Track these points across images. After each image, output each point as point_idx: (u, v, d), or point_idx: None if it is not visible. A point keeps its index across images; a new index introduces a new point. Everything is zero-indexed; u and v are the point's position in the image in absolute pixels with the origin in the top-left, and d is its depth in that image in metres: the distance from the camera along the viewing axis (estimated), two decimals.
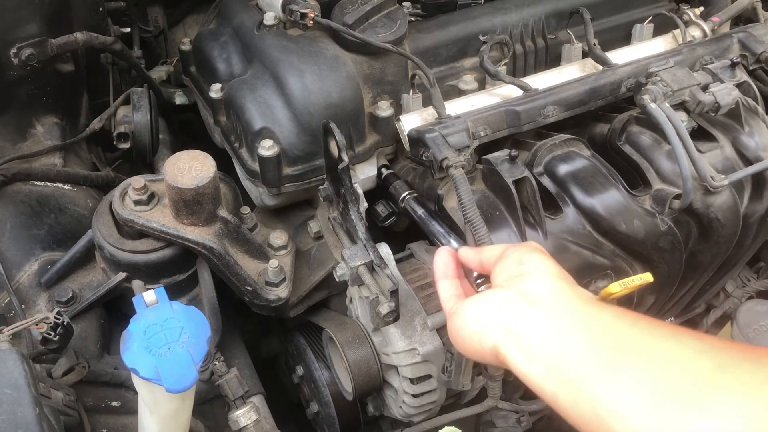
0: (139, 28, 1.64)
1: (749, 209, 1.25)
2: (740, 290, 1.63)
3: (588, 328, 0.69)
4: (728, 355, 0.63)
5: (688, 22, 1.41)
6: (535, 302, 0.75)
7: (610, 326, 0.69)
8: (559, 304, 0.74)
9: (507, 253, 0.84)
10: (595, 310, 0.72)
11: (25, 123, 1.38)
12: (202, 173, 1.06)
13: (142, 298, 0.90)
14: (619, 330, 0.68)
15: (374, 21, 1.28)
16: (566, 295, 0.75)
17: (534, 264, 0.80)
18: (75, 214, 1.32)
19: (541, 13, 1.40)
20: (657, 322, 0.69)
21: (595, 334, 0.68)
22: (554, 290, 0.76)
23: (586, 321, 0.70)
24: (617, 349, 0.66)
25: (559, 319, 0.72)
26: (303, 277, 1.29)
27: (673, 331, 0.67)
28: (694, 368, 0.62)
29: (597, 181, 1.17)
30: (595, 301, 0.75)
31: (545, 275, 0.78)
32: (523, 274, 0.79)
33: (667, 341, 0.65)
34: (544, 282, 0.77)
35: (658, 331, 0.67)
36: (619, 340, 0.67)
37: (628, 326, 0.68)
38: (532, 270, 0.79)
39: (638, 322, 0.69)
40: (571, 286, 0.77)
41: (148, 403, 0.94)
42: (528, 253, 0.82)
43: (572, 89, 1.23)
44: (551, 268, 0.80)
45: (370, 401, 1.35)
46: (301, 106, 1.20)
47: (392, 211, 1.27)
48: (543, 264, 0.80)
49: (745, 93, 1.26)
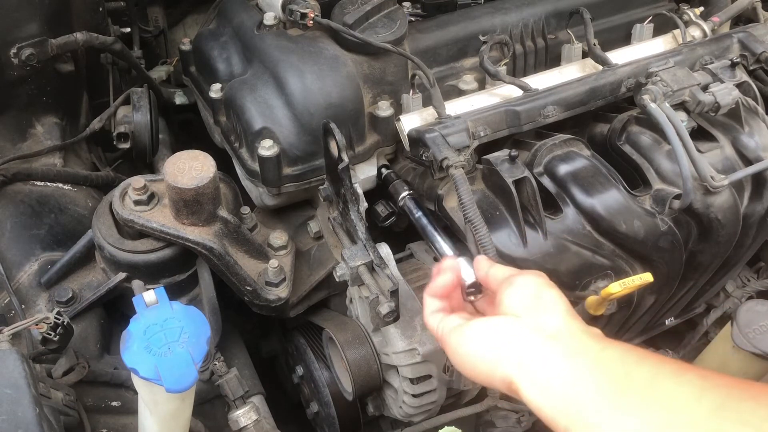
0: (139, 28, 1.64)
1: (749, 209, 1.25)
2: (740, 290, 1.63)
3: (599, 368, 0.72)
4: (729, 394, 0.65)
5: (688, 22, 1.41)
6: (551, 339, 0.77)
7: (618, 366, 0.72)
8: (573, 344, 0.76)
9: (522, 282, 0.85)
10: (605, 351, 0.74)
11: (25, 123, 1.38)
12: (202, 173, 1.06)
13: (142, 298, 0.90)
14: (627, 370, 0.71)
15: (374, 21, 1.28)
16: (580, 336, 0.77)
17: (551, 299, 0.82)
18: (75, 214, 1.32)
19: (541, 13, 1.40)
20: (662, 360, 0.72)
21: (605, 375, 0.71)
22: (569, 329, 0.78)
23: (597, 362, 0.73)
24: (625, 390, 0.69)
25: (572, 359, 0.74)
26: (303, 277, 1.29)
27: (677, 370, 0.70)
28: (696, 409, 0.65)
29: (597, 181, 1.17)
30: (604, 339, 0.77)
31: (561, 313, 0.80)
32: (539, 308, 0.81)
33: (671, 381, 0.68)
34: (559, 319, 0.79)
35: (662, 369, 0.70)
36: (627, 380, 0.70)
37: (635, 365, 0.72)
38: (550, 306, 0.81)
39: (644, 361, 0.72)
40: (583, 326, 0.79)
41: (148, 403, 0.94)
42: (545, 288, 0.83)
43: (572, 89, 1.23)
44: (566, 306, 0.81)
45: (370, 401, 1.35)
46: (301, 106, 1.20)
47: (392, 211, 1.27)
48: (560, 301, 0.82)
49: (745, 93, 1.26)
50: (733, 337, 1.35)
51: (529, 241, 1.13)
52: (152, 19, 1.70)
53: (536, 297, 0.82)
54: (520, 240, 1.13)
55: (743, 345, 1.34)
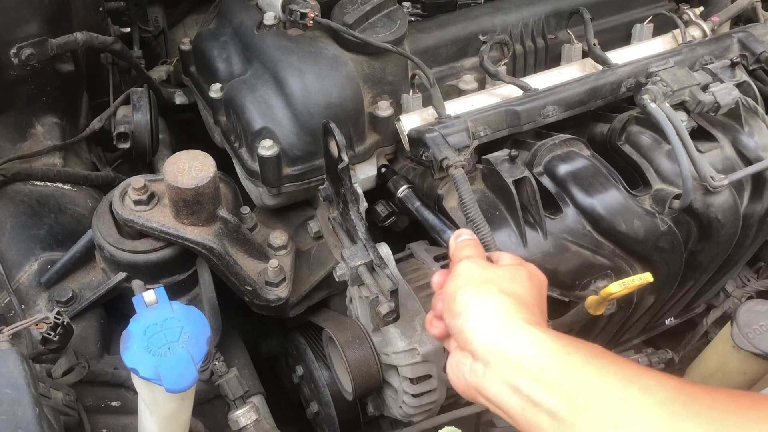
0: (139, 28, 1.64)
1: (749, 209, 1.25)
2: (740, 290, 1.63)
3: (543, 383, 0.72)
4: (676, 408, 0.66)
5: (688, 22, 1.41)
6: (488, 365, 0.77)
7: (563, 376, 0.72)
8: (509, 363, 0.75)
9: (443, 298, 0.85)
10: (544, 357, 0.74)
11: (25, 123, 1.38)
12: (202, 173, 1.06)
13: (142, 298, 0.90)
14: (573, 379, 0.72)
15: (374, 21, 1.28)
16: (511, 346, 0.76)
17: (463, 314, 0.81)
18: (75, 214, 1.32)
19: (541, 13, 1.40)
20: (606, 360, 0.72)
21: (552, 390, 0.72)
22: (498, 343, 0.77)
23: (539, 376, 0.73)
24: (572, 406, 0.70)
25: (516, 382, 0.74)
26: (303, 277, 1.29)
27: (622, 378, 0.70)
28: (648, 423, 0.66)
29: (597, 181, 1.17)
30: (540, 339, 0.76)
31: (481, 323, 0.79)
32: (462, 330, 0.80)
33: (618, 388, 0.69)
34: (484, 334, 0.78)
35: (607, 379, 0.70)
36: (573, 395, 0.70)
37: (581, 370, 0.72)
38: (466, 321, 0.80)
39: (589, 364, 0.72)
40: (509, 324, 0.78)
41: (148, 403, 0.94)
42: (454, 300, 0.83)
43: (572, 89, 1.23)
44: (482, 307, 0.80)
45: (370, 401, 1.35)
46: (301, 106, 1.20)
47: (392, 211, 1.27)
48: (474, 306, 0.81)
49: (745, 93, 1.26)
50: (733, 337, 1.35)
51: (529, 240, 1.13)
52: (152, 19, 1.70)
53: (452, 303, 0.82)
54: (520, 240, 1.13)
55: (743, 345, 1.34)
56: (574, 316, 1.17)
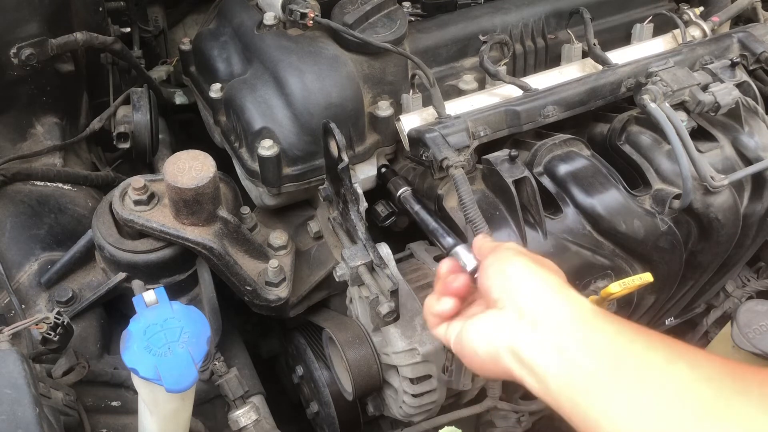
0: (139, 28, 1.64)
1: (749, 209, 1.25)
2: (740, 290, 1.63)
3: (590, 349, 0.72)
4: (725, 384, 0.65)
5: (688, 22, 1.41)
6: (536, 326, 0.76)
7: (610, 345, 0.72)
8: (559, 326, 0.75)
9: (487, 265, 0.85)
10: (593, 326, 0.74)
11: (25, 123, 1.38)
12: (202, 173, 1.06)
13: (142, 298, 0.90)
14: (619, 349, 0.71)
15: (374, 21, 1.28)
16: (563, 311, 0.76)
17: (519, 275, 0.81)
18: (75, 214, 1.32)
19: (541, 12, 1.40)
20: (654, 338, 0.72)
21: (598, 356, 0.71)
22: (550, 307, 0.77)
23: (587, 342, 0.73)
24: (615, 376, 0.69)
25: (563, 344, 0.74)
26: (303, 277, 1.29)
27: (668, 357, 0.69)
28: (691, 397, 0.65)
29: (597, 181, 1.17)
30: (591, 311, 0.76)
31: (535, 287, 0.79)
32: (512, 290, 0.80)
33: (661, 370, 0.68)
34: (536, 297, 0.79)
35: (653, 355, 0.70)
36: (618, 365, 0.70)
37: (628, 343, 0.72)
38: (520, 283, 0.80)
39: (636, 339, 0.72)
40: (562, 293, 0.79)
41: (148, 403, 0.94)
42: (508, 262, 0.83)
43: (572, 89, 1.23)
44: (536, 275, 0.80)
45: (370, 401, 1.35)
46: (301, 106, 1.20)
47: (392, 211, 1.27)
48: (527, 273, 0.81)
49: (745, 93, 1.26)
50: (733, 337, 1.35)
51: (529, 240, 1.13)
52: (152, 19, 1.70)
53: (503, 276, 0.82)
54: (520, 240, 1.13)
55: (743, 345, 1.34)
56: None
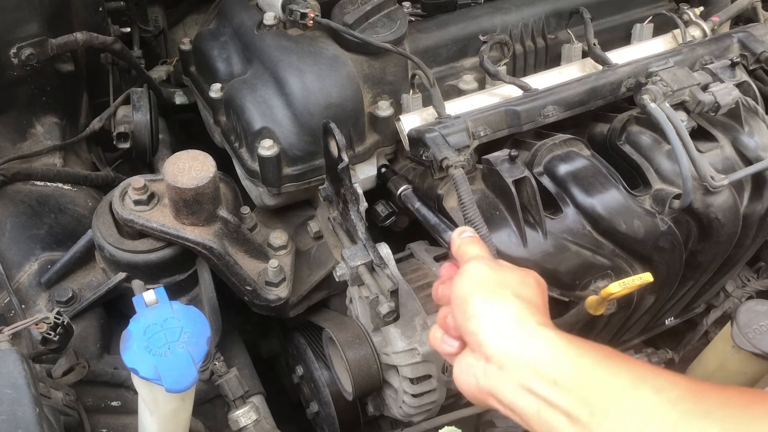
0: (139, 28, 1.64)
1: (749, 209, 1.25)
2: (740, 290, 1.63)
3: (557, 385, 0.72)
4: (687, 407, 0.66)
5: (688, 21, 1.41)
6: (503, 369, 0.77)
7: (575, 378, 0.73)
8: (524, 367, 0.75)
9: (453, 297, 0.84)
10: (556, 360, 0.74)
11: (25, 123, 1.38)
12: (202, 173, 1.06)
13: (142, 298, 0.90)
14: (585, 380, 0.72)
15: (374, 21, 1.28)
16: (526, 351, 0.76)
17: (478, 314, 0.80)
18: (75, 214, 1.32)
19: (541, 12, 1.40)
20: (616, 361, 0.73)
21: (566, 392, 0.72)
22: (513, 348, 0.77)
23: (554, 378, 0.73)
24: (588, 408, 0.70)
25: (532, 385, 0.74)
26: (303, 277, 1.29)
27: (632, 378, 0.70)
28: (656, 424, 0.66)
29: (597, 181, 1.17)
30: (550, 342, 0.76)
31: (494, 327, 0.79)
32: (475, 333, 0.80)
33: (628, 388, 0.69)
34: (498, 339, 0.78)
35: (617, 379, 0.71)
36: (587, 396, 0.71)
37: (591, 372, 0.72)
38: (481, 325, 0.80)
39: (599, 366, 0.73)
40: (522, 328, 0.78)
41: (148, 403, 0.94)
42: (468, 299, 0.82)
43: (572, 89, 1.23)
44: (494, 311, 0.80)
45: (370, 401, 1.35)
46: (301, 106, 1.20)
47: (392, 211, 1.27)
48: (485, 310, 0.80)
49: (745, 93, 1.26)
50: (733, 337, 1.35)
51: (529, 240, 1.13)
52: (152, 19, 1.70)
53: (464, 308, 0.81)
54: (520, 240, 1.13)
55: (743, 345, 1.34)
56: (574, 316, 1.17)
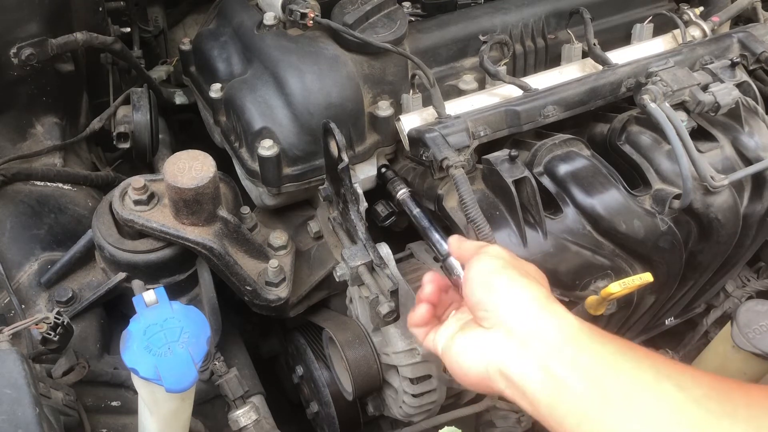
0: (139, 28, 1.64)
1: (749, 209, 1.25)
2: (740, 290, 1.63)
3: (579, 369, 0.72)
4: (712, 406, 0.65)
5: (688, 22, 1.41)
6: (525, 346, 0.76)
7: (598, 364, 0.72)
8: (547, 346, 0.75)
9: (472, 274, 0.83)
10: (581, 345, 0.74)
11: (25, 123, 1.38)
12: (202, 173, 1.06)
13: (142, 298, 0.90)
14: (607, 369, 0.71)
15: (374, 21, 1.28)
16: (551, 330, 0.76)
17: (505, 290, 0.80)
18: (75, 214, 1.32)
19: (541, 12, 1.40)
20: (639, 365, 0.71)
21: (586, 377, 0.71)
22: (538, 325, 0.76)
23: (576, 362, 0.72)
24: (604, 397, 0.69)
25: (551, 365, 0.73)
26: (303, 277, 1.29)
27: (654, 378, 0.69)
28: (680, 420, 0.65)
29: (597, 181, 1.17)
30: (578, 327, 0.76)
31: (522, 303, 0.78)
32: (499, 307, 0.79)
33: (649, 394, 0.68)
34: (524, 315, 0.78)
35: (641, 377, 0.70)
36: (607, 385, 0.70)
37: (615, 362, 0.71)
38: (507, 300, 0.79)
39: (622, 367, 0.71)
40: (549, 309, 0.78)
41: (148, 403, 0.94)
42: (494, 275, 0.81)
43: (572, 89, 1.23)
44: (523, 290, 0.79)
45: (370, 401, 1.35)
46: (301, 106, 1.20)
47: (392, 210, 1.27)
48: (514, 287, 0.80)
49: (745, 93, 1.26)
50: (733, 337, 1.35)
51: (529, 240, 1.13)
52: (152, 19, 1.70)
53: (488, 289, 0.81)
54: (520, 240, 1.13)
55: (743, 345, 1.34)
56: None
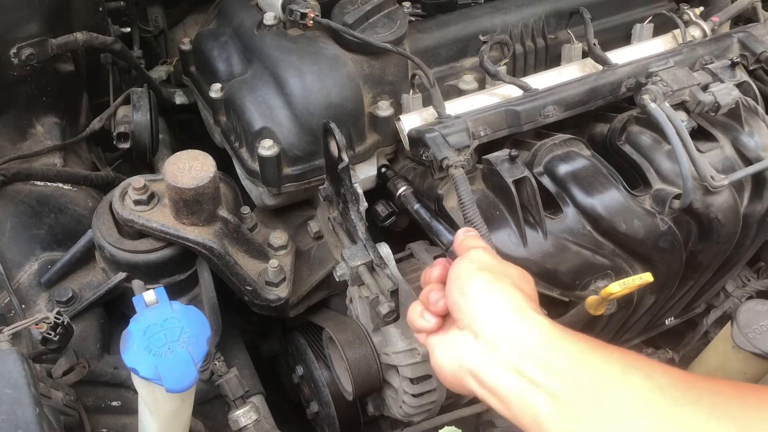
0: (139, 28, 1.64)
1: (749, 209, 1.25)
2: (740, 290, 1.63)
3: (549, 369, 0.73)
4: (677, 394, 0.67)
5: (688, 21, 1.41)
6: (495, 348, 0.77)
7: (568, 363, 0.73)
8: (518, 347, 0.76)
9: (450, 278, 0.85)
10: (551, 346, 0.75)
11: (25, 123, 1.38)
12: (202, 173, 1.06)
13: (142, 298, 0.90)
14: (578, 367, 0.72)
15: (374, 21, 1.28)
16: (521, 333, 0.77)
17: (477, 294, 0.81)
18: (75, 214, 1.32)
19: (541, 12, 1.40)
20: (610, 351, 0.73)
21: (557, 376, 0.72)
22: (508, 328, 0.77)
23: (546, 362, 0.74)
24: (575, 393, 0.71)
25: (522, 366, 0.75)
26: (303, 277, 1.29)
27: (622, 374, 0.70)
28: (646, 408, 0.66)
29: (597, 181, 1.17)
30: (548, 329, 0.77)
31: (493, 307, 0.80)
32: (471, 311, 0.81)
33: (619, 390, 0.69)
34: (494, 318, 0.79)
35: (610, 376, 0.71)
36: (577, 381, 0.71)
37: (585, 359, 0.73)
38: (478, 304, 0.81)
39: (593, 354, 0.73)
40: (520, 313, 0.78)
41: (148, 403, 0.94)
42: (468, 279, 0.83)
43: (572, 89, 1.23)
44: (495, 294, 0.80)
45: (370, 401, 1.35)
46: (301, 106, 1.20)
47: (392, 210, 1.27)
48: (486, 291, 0.81)
49: (745, 93, 1.26)
50: (733, 337, 1.35)
51: (529, 240, 1.13)
52: (152, 19, 1.70)
53: (461, 293, 0.82)
54: (520, 240, 1.13)
55: (743, 345, 1.34)
56: (574, 316, 1.17)
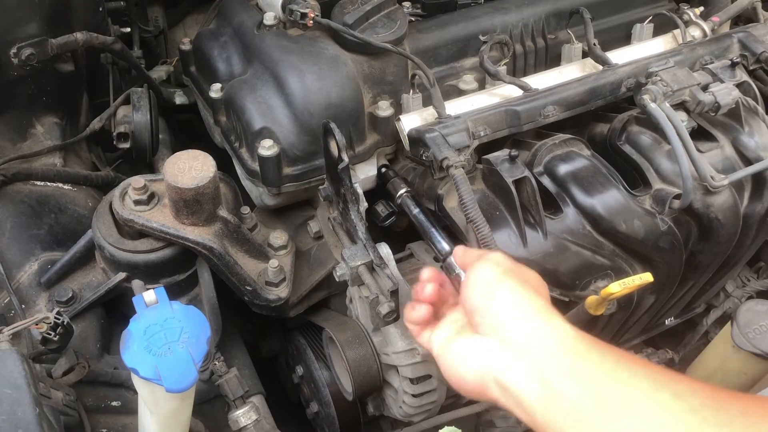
0: (139, 28, 1.64)
1: (749, 209, 1.25)
2: (740, 290, 1.63)
3: (576, 378, 0.72)
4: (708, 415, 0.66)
5: (688, 22, 1.41)
6: (521, 355, 0.76)
7: (595, 373, 0.72)
8: (544, 355, 0.75)
9: (472, 280, 0.84)
10: (578, 354, 0.74)
11: (25, 123, 1.38)
12: (202, 173, 1.06)
13: (142, 298, 0.90)
14: (604, 378, 0.72)
15: (374, 21, 1.28)
16: (548, 340, 0.76)
17: (504, 299, 0.80)
18: (75, 214, 1.32)
19: (541, 12, 1.40)
20: (635, 375, 0.71)
21: (583, 386, 0.71)
22: (535, 335, 0.77)
23: (573, 371, 0.73)
24: (601, 405, 0.70)
25: (548, 375, 0.74)
26: (303, 277, 1.29)
27: (651, 388, 0.69)
28: (676, 430, 0.65)
29: (597, 181, 1.17)
30: (574, 337, 0.76)
31: (520, 314, 0.79)
32: (497, 316, 0.80)
33: (646, 403, 0.68)
34: (522, 325, 0.78)
35: (636, 387, 0.70)
36: (603, 393, 0.70)
37: (612, 371, 0.72)
38: (506, 309, 0.80)
39: (618, 377, 0.71)
40: (547, 320, 0.78)
41: (148, 403, 0.94)
42: (494, 283, 0.81)
43: (572, 89, 1.23)
44: (522, 300, 0.79)
45: (370, 401, 1.35)
46: (301, 106, 1.20)
47: (392, 210, 1.27)
48: (513, 297, 0.80)
49: (745, 93, 1.26)
50: (733, 337, 1.35)
51: (529, 240, 1.13)
52: (152, 19, 1.70)
53: (488, 297, 0.81)
54: (520, 240, 1.13)
55: (743, 345, 1.34)
56: (574, 316, 1.17)
